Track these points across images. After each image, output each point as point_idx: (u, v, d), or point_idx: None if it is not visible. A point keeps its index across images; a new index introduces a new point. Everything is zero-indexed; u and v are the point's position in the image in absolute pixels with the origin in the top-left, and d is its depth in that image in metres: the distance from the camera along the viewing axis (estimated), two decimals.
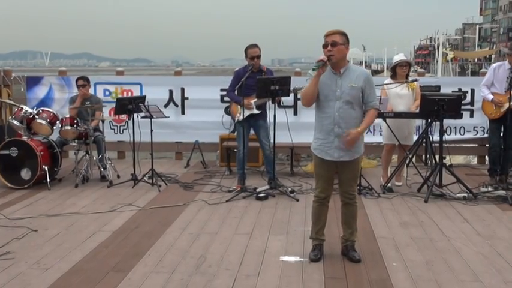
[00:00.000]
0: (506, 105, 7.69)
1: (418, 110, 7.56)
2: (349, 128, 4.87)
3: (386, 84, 7.83)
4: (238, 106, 7.70)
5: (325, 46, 4.84)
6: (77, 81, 8.83)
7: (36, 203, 7.23)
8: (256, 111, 7.74)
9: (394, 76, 7.87)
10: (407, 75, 7.80)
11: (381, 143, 8.46)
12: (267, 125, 7.85)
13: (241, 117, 7.62)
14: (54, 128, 8.28)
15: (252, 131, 8.04)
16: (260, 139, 7.93)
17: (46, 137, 8.34)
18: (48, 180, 7.89)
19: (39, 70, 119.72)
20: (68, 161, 9.59)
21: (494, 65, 8.34)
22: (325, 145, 4.98)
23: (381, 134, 8.77)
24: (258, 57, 7.70)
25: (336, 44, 4.81)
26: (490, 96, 8.04)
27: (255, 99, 7.61)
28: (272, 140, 7.53)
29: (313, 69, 4.79)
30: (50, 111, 8.39)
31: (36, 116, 8.19)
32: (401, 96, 7.77)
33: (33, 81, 10.39)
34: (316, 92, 4.89)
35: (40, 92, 10.31)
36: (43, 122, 8.15)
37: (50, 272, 4.82)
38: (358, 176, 5.16)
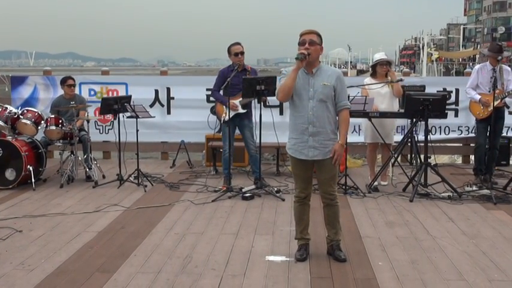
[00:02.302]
0: None
1: (399, 95, 7.72)
2: (322, 126, 4.90)
3: (368, 84, 7.86)
4: (224, 106, 7.70)
5: (302, 44, 4.87)
6: (66, 80, 8.69)
7: (20, 203, 7.17)
8: (242, 111, 7.74)
9: (374, 74, 7.90)
10: (386, 74, 7.84)
11: (366, 142, 8.49)
12: (252, 124, 7.86)
13: (227, 118, 7.62)
14: (39, 128, 8.23)
15: (237, 131, 8.03)
16: (245, 139, 7.93)
17: (31, 137, 8.29)
18: (33, 180, 7.85)
19: (23, 70, 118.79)
20: (53, 161, 9.54)
21: (477, 67, 8.37)
22: (299, 144, 4.99)
23: None
24: (242, 53, 7.69)
25: (313, 43, 4.86)
26: (478, 97, 8.06)
27: (240, 99, 7.61)
28: (258, 140, 7.54)
29: (296, 58, 4.82)
30: (35, 111, 8.35)
31: (20, 116, 8.15)
32: (382, 94, 7.80)
33: (17, 81, 10.33)
34: (294, 86, 4.90)
35: (25, 91, 10.26)
36: (28, 122, 8.10)
37: (34, 273, 4.79)
38: (336, 175, 5.18)
